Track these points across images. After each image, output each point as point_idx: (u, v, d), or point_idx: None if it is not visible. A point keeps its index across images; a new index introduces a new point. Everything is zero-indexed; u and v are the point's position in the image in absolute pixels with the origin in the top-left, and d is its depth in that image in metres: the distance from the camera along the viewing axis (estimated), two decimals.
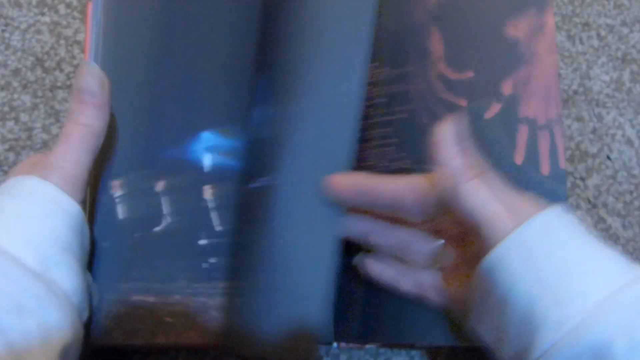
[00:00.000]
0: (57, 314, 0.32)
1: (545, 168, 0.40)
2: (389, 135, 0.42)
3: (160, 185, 0.42)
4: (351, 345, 0.43)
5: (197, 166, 0.42)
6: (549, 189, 0.40)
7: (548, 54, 0.41)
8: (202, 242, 0.41)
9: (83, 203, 0.37)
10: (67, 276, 0.34)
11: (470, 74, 0.42)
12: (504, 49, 0.42)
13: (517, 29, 0.42)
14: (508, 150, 0.40)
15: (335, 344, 0.43)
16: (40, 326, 0.31)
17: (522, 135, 0.41)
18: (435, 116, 0.41)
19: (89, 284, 0.38)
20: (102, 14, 0.43)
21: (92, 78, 0.37)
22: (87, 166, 0.37)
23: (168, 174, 0.42)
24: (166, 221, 0.41)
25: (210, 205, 0.42)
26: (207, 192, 0.42)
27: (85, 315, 0.36)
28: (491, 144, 0.40)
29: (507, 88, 0.41)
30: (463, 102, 0.41)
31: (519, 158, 0.40)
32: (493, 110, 0.41)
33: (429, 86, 0.42)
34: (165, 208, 0.42)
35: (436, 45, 0.43)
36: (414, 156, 0.41)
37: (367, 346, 0.44)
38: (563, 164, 0.40)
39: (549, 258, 0.29)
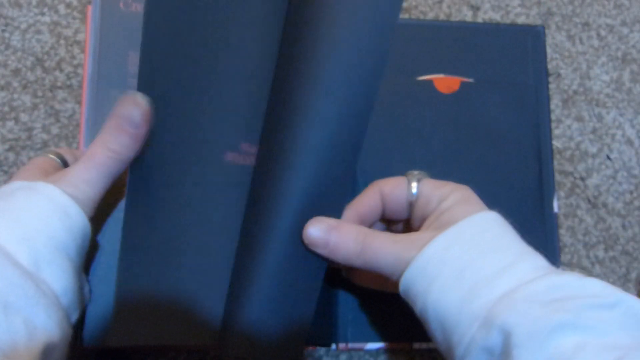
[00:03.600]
0: (44, 314, 0.32)
1: None
2: None
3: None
4: (350, 346, 0.44)
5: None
6: None
7: None
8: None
9: (91, 220, 0.37)
10: (58, 276, 0.34)
11: None
12: None
13: None
14: None
15: (334, 346, 0.44)
16: (26, 324, 0.31)
17: None
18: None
19: (82, 286, 0.38)
20: (100, 20, 0.44)
21: (138, 110, 0.35)
22: (102, 189, 0.36)
23: None
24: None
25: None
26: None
27: (75, 316, 0.36)
28: None
29: None
30: None
31: None
32: None
33: None
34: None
35: None
36: None
37: (367, 347, 0.44)
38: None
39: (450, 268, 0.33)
